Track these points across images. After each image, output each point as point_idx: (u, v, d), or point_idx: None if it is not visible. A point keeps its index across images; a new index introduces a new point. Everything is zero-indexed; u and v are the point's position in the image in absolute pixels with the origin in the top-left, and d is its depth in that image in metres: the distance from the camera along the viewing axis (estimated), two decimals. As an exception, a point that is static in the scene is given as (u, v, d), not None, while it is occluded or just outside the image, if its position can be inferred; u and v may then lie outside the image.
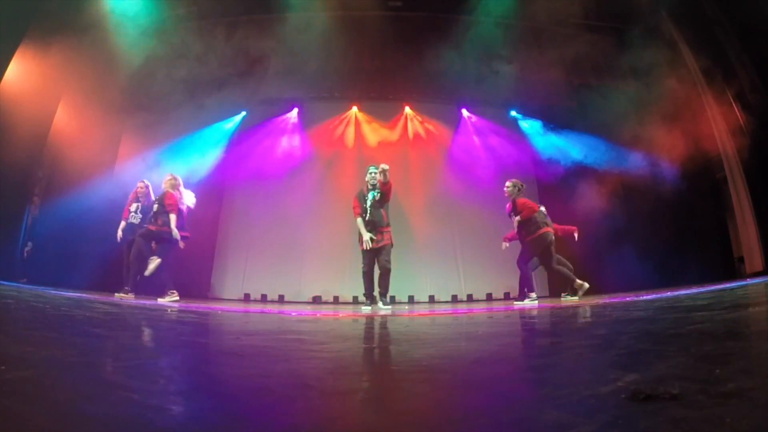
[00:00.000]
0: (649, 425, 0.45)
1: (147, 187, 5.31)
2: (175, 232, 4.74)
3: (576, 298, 4.67)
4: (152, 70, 6.24)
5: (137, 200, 5.27)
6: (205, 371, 0.91)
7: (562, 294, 4.86)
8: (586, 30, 6.10)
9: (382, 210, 4.52)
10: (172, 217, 4.78)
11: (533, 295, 4.59)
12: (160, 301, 4.38)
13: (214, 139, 8.06)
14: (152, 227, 4.72)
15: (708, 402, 0.51)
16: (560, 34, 6.10)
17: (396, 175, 5.17)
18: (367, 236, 4.35)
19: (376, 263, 4.47)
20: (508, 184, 4.93)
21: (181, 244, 4.91)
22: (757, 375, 0.65)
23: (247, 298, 7.21)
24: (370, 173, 4.58)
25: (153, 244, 4.75)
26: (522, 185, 4.99)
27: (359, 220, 4.51)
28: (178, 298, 4.57)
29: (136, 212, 5.19)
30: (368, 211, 4.49)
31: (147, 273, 4.55)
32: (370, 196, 4.54)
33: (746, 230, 5.67)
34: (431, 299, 6.99)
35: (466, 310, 4.05)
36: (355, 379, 0.81)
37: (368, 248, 4.35)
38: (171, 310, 2.97)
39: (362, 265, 4.45)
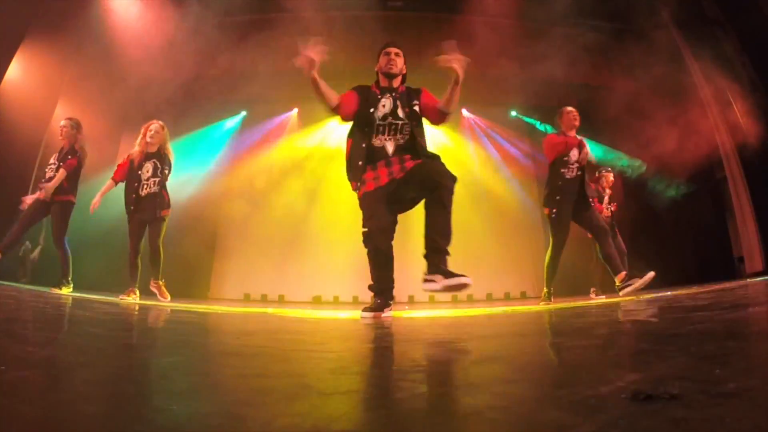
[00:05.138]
0: (649, 425, 0.45)
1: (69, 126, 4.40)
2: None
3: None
4: (152, 69, 6.25)
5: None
6: (204, 371, 0.91)
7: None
8: (587, 30, 6.10)
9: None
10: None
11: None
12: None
13: (214, 138, 8.06)
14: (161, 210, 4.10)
15: (708, 402, 0.51)
16: (560, 34, 6.10)
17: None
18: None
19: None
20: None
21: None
22: (757, 375, 0.65)
23: (247, 298, 7.22)
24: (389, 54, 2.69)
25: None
26: None
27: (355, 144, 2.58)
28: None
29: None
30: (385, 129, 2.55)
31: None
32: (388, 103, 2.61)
33: (746, 230, 5.68)
34: (431, 299, 6.99)
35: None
36: (355, 379, 0.81)
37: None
38: (171, 311, 2.97)
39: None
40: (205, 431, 0.50)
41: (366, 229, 2.52)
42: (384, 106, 2.63)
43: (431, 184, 2.38)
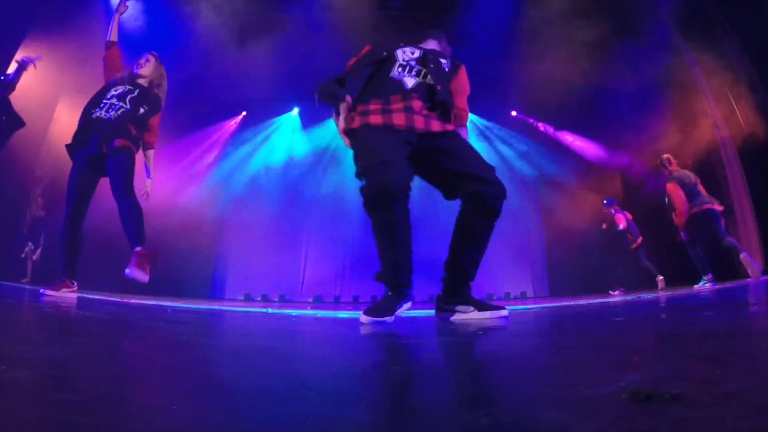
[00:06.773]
0: (649, 426, 0.45)
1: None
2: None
3: None
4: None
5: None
6: (204, 371, 0.91)
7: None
8: (587, 30, 6.10)
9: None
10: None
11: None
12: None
13: (214, 138, 8.07)
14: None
15: (708, 402, 0.51)
16: (561, 34, 6.10)
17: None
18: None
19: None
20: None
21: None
22: (758, 375, 0.65)
23: (247, 298, 7.22)
24: None
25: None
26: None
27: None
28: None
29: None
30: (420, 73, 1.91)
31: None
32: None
33: (746, 230, 5.68)
34: (431, 299, 7.00)
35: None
36: (356, 380, 0.81)
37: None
38: (171, 310, 2.97)
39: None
40: (205, 431, 0.50)
41: (362, 168, 1.70)
42: (405, 51, 2.01)
43: (488, 214, 1.87)
